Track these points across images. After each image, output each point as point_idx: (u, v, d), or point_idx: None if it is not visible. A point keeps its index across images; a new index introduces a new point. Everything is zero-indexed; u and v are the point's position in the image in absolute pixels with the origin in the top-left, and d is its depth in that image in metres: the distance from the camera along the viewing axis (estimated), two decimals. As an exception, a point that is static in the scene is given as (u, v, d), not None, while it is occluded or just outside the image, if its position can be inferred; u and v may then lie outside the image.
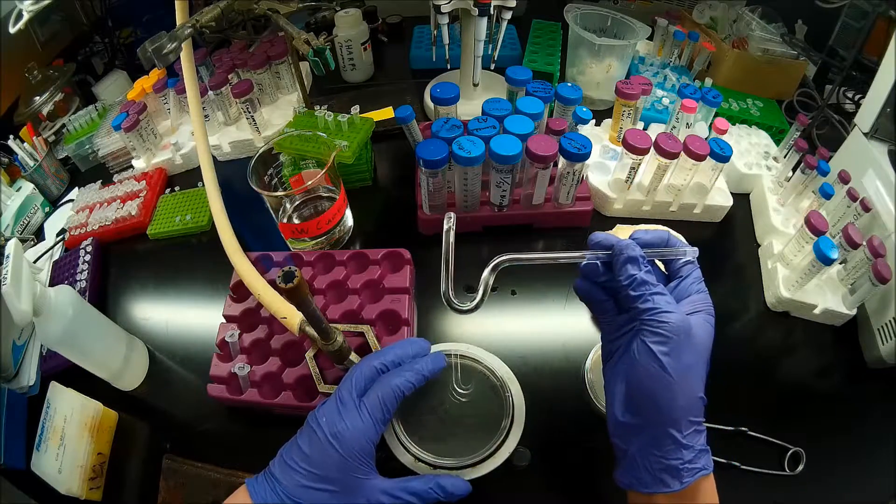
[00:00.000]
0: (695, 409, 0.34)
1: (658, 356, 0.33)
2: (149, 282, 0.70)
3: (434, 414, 0.44)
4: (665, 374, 0.33)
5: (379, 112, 0.83)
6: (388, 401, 0.38)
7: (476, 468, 0.42)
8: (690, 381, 0.33)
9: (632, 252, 0.36)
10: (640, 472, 0.35)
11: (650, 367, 0.34)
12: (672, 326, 0.33)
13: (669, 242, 0.39)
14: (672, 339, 0.33)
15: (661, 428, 0.33)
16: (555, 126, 0.63)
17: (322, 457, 0.36)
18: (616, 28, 0.84)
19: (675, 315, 0.34)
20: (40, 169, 0.82)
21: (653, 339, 0.34)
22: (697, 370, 0.34)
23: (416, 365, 0.41)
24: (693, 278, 0.38)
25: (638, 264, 0.36)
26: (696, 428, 0.34)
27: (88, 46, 1.08)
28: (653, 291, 0.35)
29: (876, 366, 0.55)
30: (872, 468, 0.49)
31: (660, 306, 0.34)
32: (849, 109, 0.80)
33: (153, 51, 0.55)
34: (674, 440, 0.33)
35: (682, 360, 0.33)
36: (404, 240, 0.62)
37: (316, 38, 0.63)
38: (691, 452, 0.33)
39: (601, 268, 0.39)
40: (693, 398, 0.34)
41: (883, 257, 0.52)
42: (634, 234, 0.39)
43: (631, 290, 0.35)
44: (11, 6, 0.78)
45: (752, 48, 0.83)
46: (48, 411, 0.53)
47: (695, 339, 0.34)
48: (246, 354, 0.55)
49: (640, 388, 0.34)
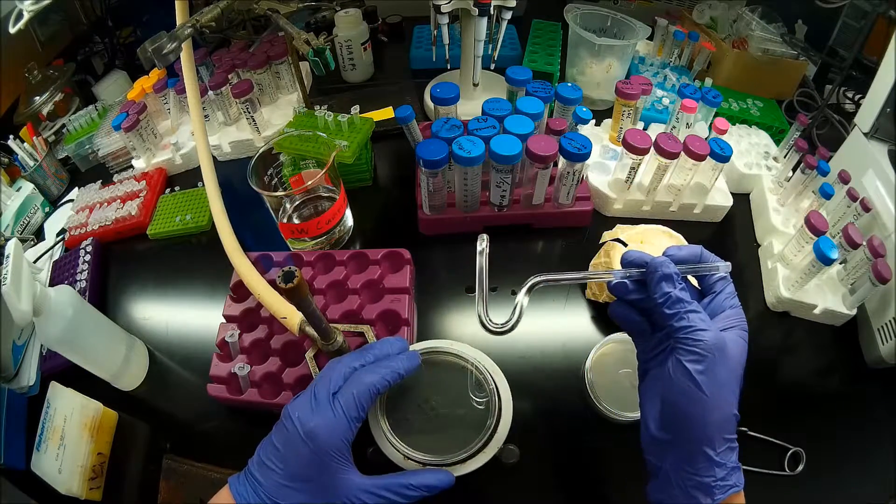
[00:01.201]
0: (728, 427, 0.34)
1: (693, 374, 0.33)
2: (149, 282, 0.70)
3: (421, 412, 0.45)
4: (700, 393, 0.33)
5: (379, 112, 0.83)
6: (363, 398, 0.38)
7: (464, 464, 0.42)
8: (724, 398, 0.34)
9: (667, 269, 0.36)
10: (673, 489, 0.34)
11: (685, 385, 0.34)
12: (707, 345, 0.33)
13: (703, 258, 0.39)
14: (707, 358, 0.33)
15: (695, 445, 0.33)
16: (555, 126, 0.63)
17: (296, 455, 0.36)
18: (616, 28, 0.84)
19: (710, 333, 0.34)
20: (40, 169, 0.82)
21: (688, 358, 0.34)
22: (731, 387, 0.34)
23: (392, 363, 0.41)
24: (726, 294, 0.38)
25: (673, 282, 0.36)
26: (730, 445, 0.34)
27: (88, 46, 1.08)
28: (688, 309, 0.35)
29: (876, 366, 0.55)
30: (872, 468, 0.49)
31: (695, 324, 0.34)
32: (849, 109, 0.80)
33: (153, 51, 0.55)
34: (707, 458, 0.33)
35: (716, 378, 0.33)
36: (404, 240, 0.62)
37: (316, 38, 0.63)
38: (724, 470, 0.33)
39: (631, 286, 0.39)
40: (727, 416, 0.34)
41: (883, 257, 0.52)
42: (668, 250, 0.39)
43: (666, 307, 0.35)
44: (11, 6, 0.78)
45: (752, 48, 0.83)
46: (48, 411, 0.53)
47: (729, 356, 0.34)
48: (246, 354, 0.55)
49: (674, 407, 0.35)
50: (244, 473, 0.38)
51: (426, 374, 0.47)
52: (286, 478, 0.36)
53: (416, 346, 0.49)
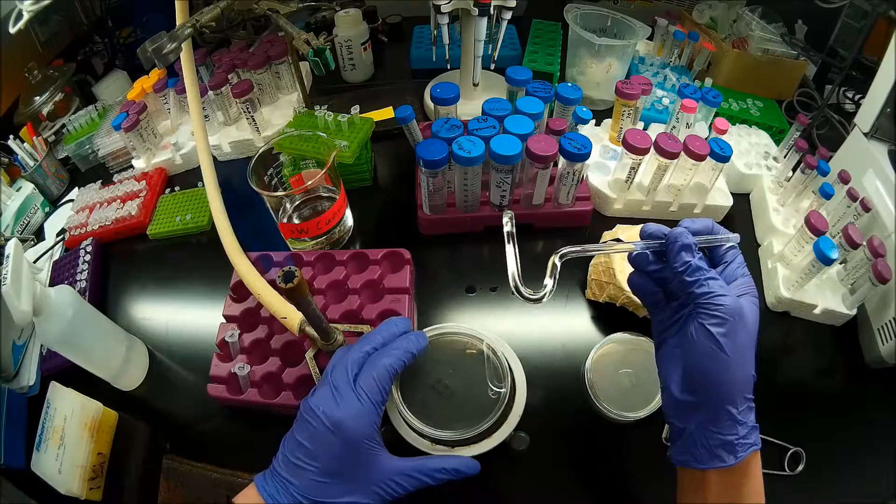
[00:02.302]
0: (748, 387, 0.36)
1: (716, 337, 0.35)
2: (149, 282, 0.70)
3: (435, 392, 0.45)
4: (723, 354, 0.35)
5: (379, 112, 0.83)
6: (384, 381, 0.39)
7: (477, 445, 0.43)
8: (745, 359, 0.35)
9: (686, 239, 0.38)
10: (698, 448, 0.36)
11: (708, 347, 0.35)
12: (728, 309, 0.35)
13: (714, 230, 0.40)
14: (728, 321, 0.35)
15: (719, 405, 0.35)
16: (555, 126, 0.63)
17: (327, 450, 0.36)
18: (616, 28, 0.84)
19: (730, 298, 0.36)
20: (40, 169, 0.82)
21: (711, 322, 0.35)
22: (750, 349, 0.36)
23: (404, 343, 0.42)
24: (737, 263, 0.39)
25: (692, 251, 0.37)
26: (749, 405, 0.36)
27: (88, 46, 1.08)
28: (707, 276, 0.36)
29: (876, 366, 0.55)
30: (872, 468, 0.49)
31: (715, 290, 0.36)
32: (849, 109, 0.80)
33: (153, 51, 0.55)
34: (730, 416, 0.35)
35: (737, 339, 0.35)
36: (404, 240, 0.62)
37: (316, 38, 0.63)
38: (745, 428, 0.35)
39: (651, 257, 0.41)
40: (747, 376, 0.36)
41: (883, 257, 0.52)
42: (683, 222, 0.40)
43: (686, 276, 0.37)
44: (11, 6, 0.78)
45: (752, 48, 0.83)
46: (48, 411, 0.53)
47: (746, 319, 0.36)
48: (246, 354, 0.55)
49: (698, 368, 0.36)
50: (270, 473, 0.38)
51: (438, 355, 0.47)
52: (321, 474, 0.36)
53: (427, 329, 0.49)
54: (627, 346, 0.52)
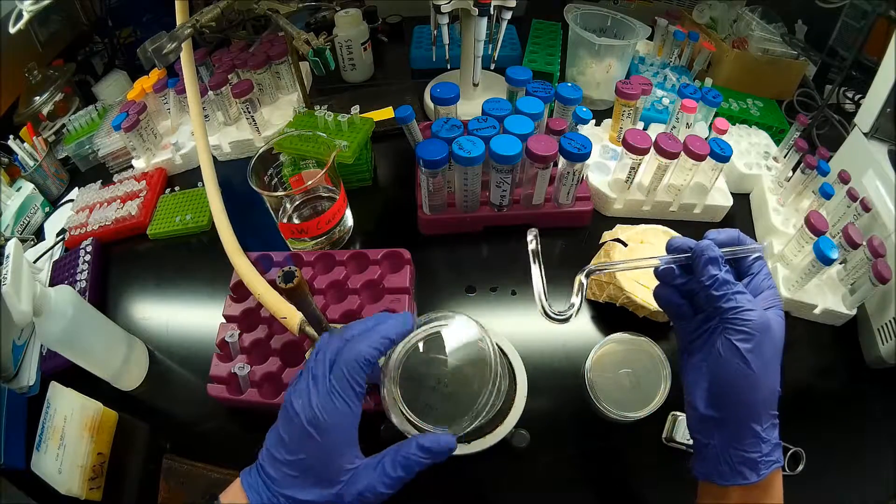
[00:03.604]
0: (773, 403, 0.36)
1: (743, 353, 0.34)
2: (149, 282, 0.70)
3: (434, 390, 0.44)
4: (749, 370, 0.34)
5: (379, 112, 0.83)
6: (355, 373, 0.36)
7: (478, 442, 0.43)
8: (770, 375, 0.35)
9: (712, 253, 0.37)
10: (720, 464, 0.36)
11: (735, 363, 0.35)
12: (755, 324, 0.35)
13: (740, 240, 0.40)
14: (755, 336, 0.35)
15: (743, 422, 0.35)
16: (555, 126, 0.63)
17: (302, 447, 0.35)
18: (616, 28, 0.84)
19: (757, 313, 0.35)
20: (40, 169, 0.82)
21: (738, 337, 0.35)
22: (775, 364, 0.36)
23: (382, 329, 0.38)
24: (763, 274, 0.39)
25: (718, 265, 0.37)
26: (773, 421, 0.36)
27: (88, 46, 1.08)
28: (735, 290, 0.36)
29: (876, 366, 0.55)
30: (872, 468, 0.49)
31: (742, 305, 0.35)
32: (849, 109, 0.80)
33: (153, 51, 0.55)
34: (754, 434, 0.35)
35: (763, 355, 0.35)
36: (404, 240, 0.62)
37: (316, 38, 0.63)
38: (768, 446, 0.35)
39: (677, 270, 0.40)
40: (772, 391, 0.35)
41: (883, 257, 0.52)
42: (708, 234, 0.40)
43: (713, 290, 0.36)
44: (11, 6, 0.78)
45: (752, 48, 0.83)
46: (48, 411, 0.53)
47: (773, 333, 0.35)
48: (246, 354, 0.55)
49: (724, 384, 0.36)
50: (255, 467, 0.37)
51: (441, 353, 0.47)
52: (296, 469, 0.35)
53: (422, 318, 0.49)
54: (627, 346, 0.52)
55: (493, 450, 0.43)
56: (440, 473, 0.49)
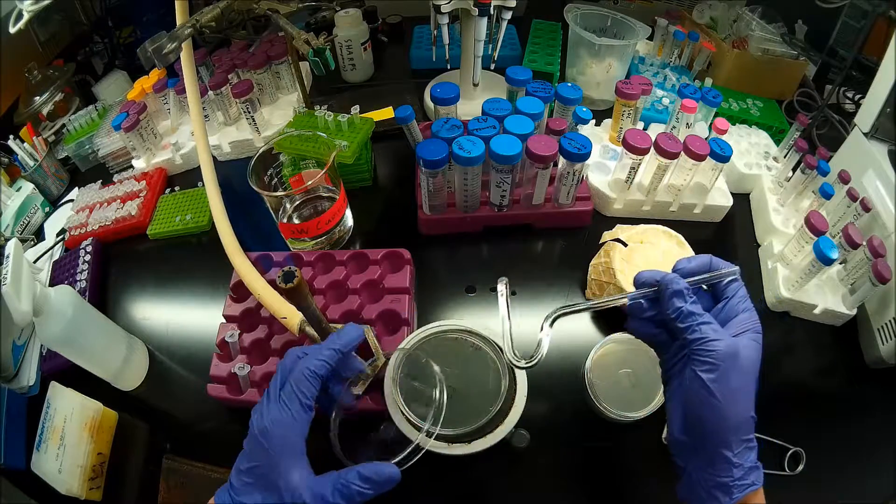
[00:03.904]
0: (745, 429, 0.35)
1: (707, 383, 0.35)
2: (149, 282, 0.70)
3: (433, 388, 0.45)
4: (714, 400, 0.35)
5: (379, 112, 0.83)
6: (302, 386, 0.38)
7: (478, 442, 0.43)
8: (739, 402, 0.35)
9: (676, 286, 0.38)
10: (696, 488, 0.36)
11: (700, 393, 0.35)
12: (719, 354, 0.35)
13: (712, 266, 0.40)
14: (719, 367, 0.35)
15: (713, 448, 0.35)
16: (555, 126, 0.63)
17: (256, 454, 0.37)
18: (616, 28, 0.84)
19: (721, 342, 0.36)
20: (40, 169, 0.82)
21: (701, 368, 0.36)
22: (746, 391, 0.36)
23: (328, 341, 0.41)
24: (738, 297, 0.39)
25: (683, 297, 0.37)
26: (747, 445, 0.35)
27: (88, 46, 1.08)
28: (699, 322, 0.37)
29: (876, 366, 0.55)
30: (872, 468, 0.49)
31: (707, 335, 0.36)
32: (849, 109, 0.80)
33: (153, 51, 0.55)
34: (725, 459, 0.35)
35: (729, 384, 0.35)
36: (404, 240, 0.62)
37: (316, 38, 0.63)
38: (741, 470, 0.35)
39: (646, 304, 0.40)
40: (743, 419, 0.35)
41: (883, 257, 0.52)
42: (678, 263, 0.40)
43: (679, 322, 0.37)
44: (11, 6, 0.78)
45: (752, 48, 0.83)
46: (48, 411, 0.53)
47: (742, 361, 0.35)
48: (246, 354, 0.55)
49: (693, 413, 0.36)
50: (227, 482, 0.38)
51: (439, 352, 0.47)
52: (251, 477, 0.36)
53: (426, 327, 0.49)
54: (627, 346, 0.52)
55: (493, 450, 0.43)
56: (440, 473, 0.50)
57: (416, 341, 0.48)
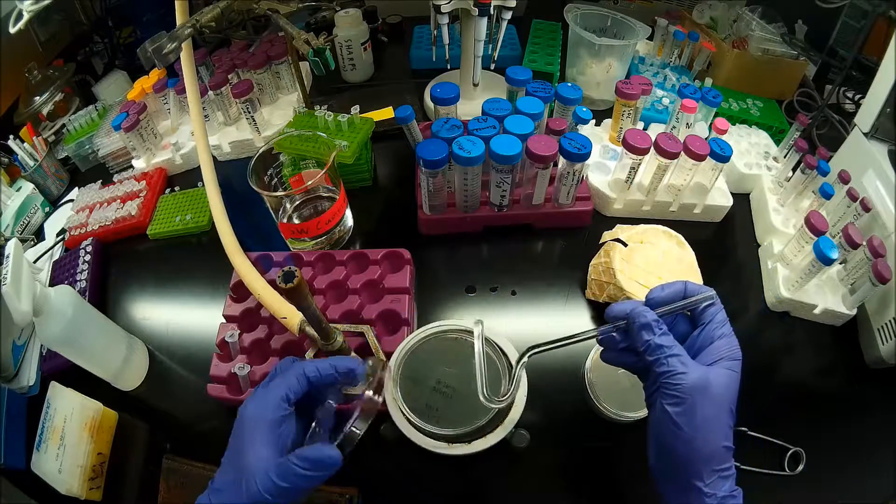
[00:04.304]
0: (717, 459, 0.35)
1: (673, 416, 0.35)
2: (149, 282, 0.70)
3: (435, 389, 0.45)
4: (681, 432, 0.35)
5: (379, 112, 0.83)
6: (289, 380, 0.39)
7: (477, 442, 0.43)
8: (709, 434, 0.35)
9: (643, 319, 0.38)
10: None
11: (667, 425, 0.36)
12: (684, 388, 0.35)
13: (687, 291, 0.39)
14: (686, 400, 0.35)
15: (684, 477, 0.35)
16: (555, 126, 0.63)
17: (232, 439, 0.38)
18: (616, 28, 0.84)
19: (688, 376, 0.35)
20: (40, 169, 0.82)
21: (669, 401, 0.36)
22: (718, 422, 0.35)
23: (332, 358, 0.42)
24: (716, 323, 0.38)
25: (651, 329, 0.37)
26: (721, 475, 0.35)
27: (88, 46, 1.08)
28: (667, 354, 0.36)
29: (876, 366, 0.55)
30: (872, 468, 0.49)
31: (673, 369, 0.36)
32: (849, 109, 0.80)
33: (153, 51, 0.55)
34: (696, 489, 0.35)
35: (696, 417, 0.35)
36: (404, 240, 0.62)
37: (316, 38, 0.63)
38: (714, 500, 0.34)
39: (618, 336, 0.40)
40: (714, 449, 0.35)
41: (883, 257, 0.52)
42: (650, 293, 0.40)
43: (647, 355, 0.37)
44: (11, 6, 0.78)
45: (752, 48, 0.83)
46: (48, 411, 0.53)
47: (712, 392, 0.35)
48: (246, 354, 0.55)
49: (664, 443, 0.36)
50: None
51: (439, 352, 0.47)
52: (226, 458, 0.38)
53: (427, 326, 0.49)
54: (627, 346, 0.52)
55: (493, 450, 0.43)
56: (441, 473, 0.50)
57: (415, 341, 0.48)
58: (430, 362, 0.47)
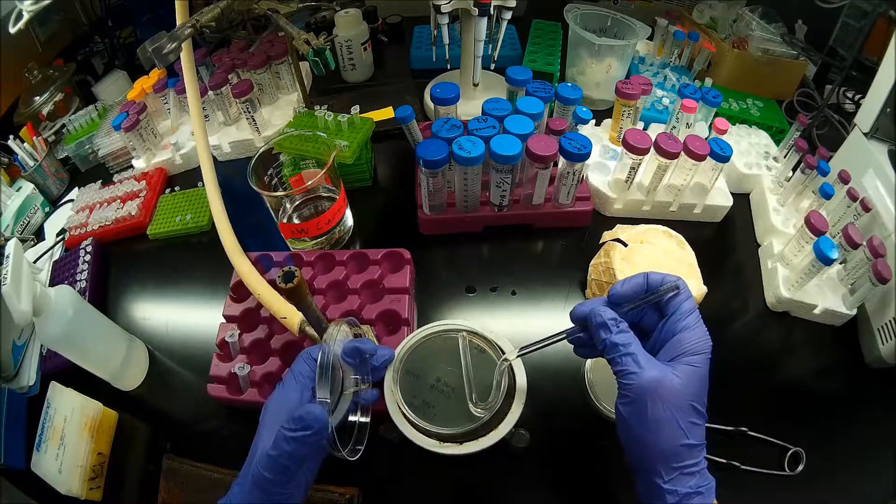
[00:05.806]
0: (677, 457, 0.35)
1: (625, 415, 0.36)
2: (149, 282, 0.70)
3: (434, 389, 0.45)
4: (633, 431, 0.35)
5: (379, 112, 0.83)
6: (297, 366, 0.40)
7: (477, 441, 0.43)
8: (664, 433, 0.34)
9: (599, 318, 0.37)
10: None
11: (622, 423, 0.36)
12: (633, 388, 0.35)
13: (649, 282, 0.39)
14: (637, 400, 0.35)
15: (646, 475, 0.36)
16: (555, 126, 0.63)
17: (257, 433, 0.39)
18: (616, 28, 0.84)
19: (639, 375, 0.35)
20: (40, 169, 0.82)
21: (622, 400, 0.36)
22: (674, 421, 0.34)
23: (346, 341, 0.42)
24: (679, 314, 0.37)
25: (608, 328, 0.37)
26: (683, 472, 0.35)
27: (88, 46, 1.08)
28: (622, 353, 0.36)
29: (876, 366, 0.55)
30: (872, 468, 0.49)
31: (626, 368, 0.35)
32: (849, 109, 0.80)
33: (153, 51, 0.55)
34: (657, 486, 0.35)
35: (647, 417, 0.35)
36: (404, 240, 0.62)
37: (316, 38, 0.63)
38: (675, 496, 0.34)
39: (585, 336, 0.40)
40: (668, 447, 0.34)
41: (883, 257, 0.52)
42: (612, 289, 0.39)
43: (605, 354, 0.37)
44: (11, 6, 0.78)
45: (752, 48, 0.83)
46: (48, 411, 0.53)
47: (665, 392, 0.34)
48: (246, 354, 0.55)
49: (624, 440, 0.37)
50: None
51: (438, 352, 0.47)
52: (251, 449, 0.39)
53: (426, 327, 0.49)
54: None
55: (493, 450, 0.43)
56: (440, 473, 0.50)
57: (415, 341, 0.48)
58: (431, 361, 0.47)
